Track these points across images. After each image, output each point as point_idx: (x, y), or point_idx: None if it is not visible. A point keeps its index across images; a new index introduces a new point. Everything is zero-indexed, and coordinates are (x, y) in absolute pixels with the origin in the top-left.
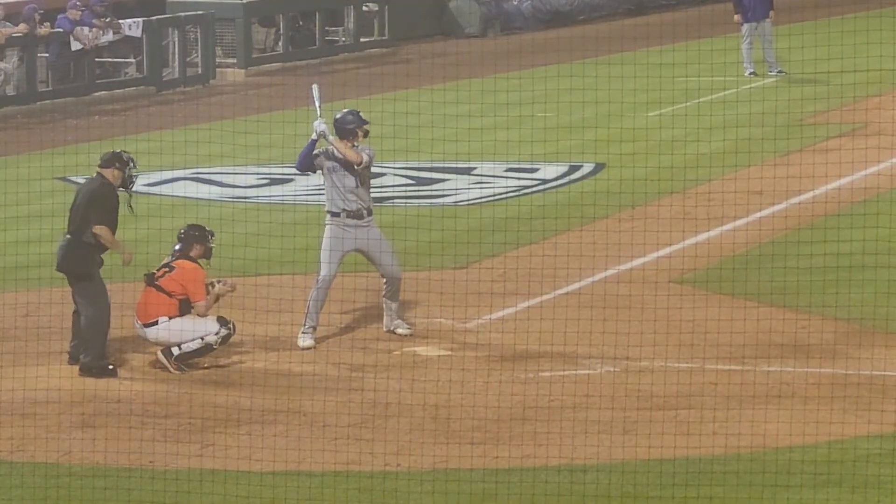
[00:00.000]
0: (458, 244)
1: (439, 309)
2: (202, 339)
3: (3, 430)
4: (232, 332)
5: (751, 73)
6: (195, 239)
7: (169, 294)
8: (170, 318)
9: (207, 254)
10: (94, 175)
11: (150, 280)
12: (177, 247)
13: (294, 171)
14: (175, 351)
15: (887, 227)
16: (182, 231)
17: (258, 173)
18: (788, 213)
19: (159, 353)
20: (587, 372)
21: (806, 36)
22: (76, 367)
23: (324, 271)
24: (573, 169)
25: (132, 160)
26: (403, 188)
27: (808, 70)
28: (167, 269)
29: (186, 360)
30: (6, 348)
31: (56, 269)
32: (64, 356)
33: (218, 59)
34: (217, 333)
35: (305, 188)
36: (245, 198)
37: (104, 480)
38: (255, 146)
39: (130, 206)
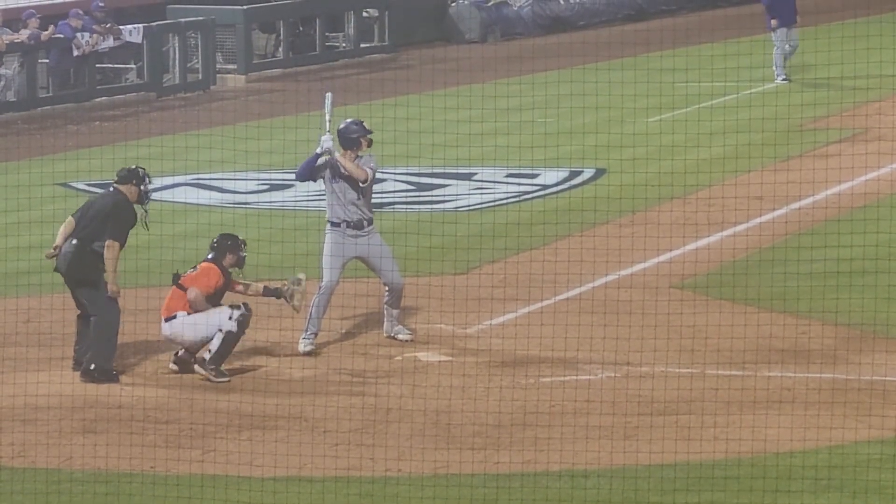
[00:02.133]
0: (459, 250)
1: (440, 314)
2: (220, 330)
3: (4, 436)
4: (246, 310)
5: (783, 79)
6: (227, 248)
7: (187, 291)
8: (187, 313)
9: (240, 263)
10: (111, 190)
11: (175, 280)
12: (209, 255)
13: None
14: (206, 355)
15: (887, 232)
16: (215, 240)
17: (258, 179)
18: (789, 219)
19: (196, 367)
20: (588, 377)
21: (806, 41)
22: (77, 373)
23: (326, 277)
24: (573, 174)
25: (147, 175)
26: (404, 194)
27: (809, 75)
28: (192, 270)
29: (219, 363)
30: (7, 354)
31: (60, 274)
32: (65, 362)
33: (218, 65)
34: (231, 318)
35: (306, 194)
36: (245, 203)
37: (105, 486)
38: (256, 152)
39: (146, 224)
